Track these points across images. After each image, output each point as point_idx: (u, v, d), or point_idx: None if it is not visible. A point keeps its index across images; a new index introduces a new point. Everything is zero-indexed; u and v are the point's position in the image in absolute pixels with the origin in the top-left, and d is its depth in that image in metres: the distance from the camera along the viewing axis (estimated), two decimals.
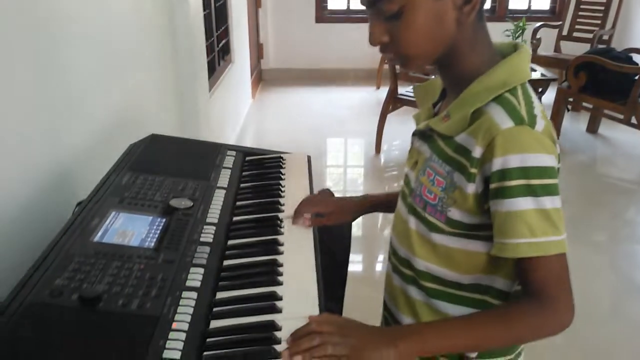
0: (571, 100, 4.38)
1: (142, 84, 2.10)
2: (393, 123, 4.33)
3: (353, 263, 2.80)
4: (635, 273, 2.81)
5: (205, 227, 1.09)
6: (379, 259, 2.99)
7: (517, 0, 6.06)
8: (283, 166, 1.43)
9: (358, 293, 1.61)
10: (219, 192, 1.25)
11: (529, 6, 6.10)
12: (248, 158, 1.48)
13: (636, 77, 3.83)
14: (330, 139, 4.76)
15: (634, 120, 3.92)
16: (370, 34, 0.87)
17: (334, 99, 5.66)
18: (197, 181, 1.26)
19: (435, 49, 0.87)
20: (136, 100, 2.01)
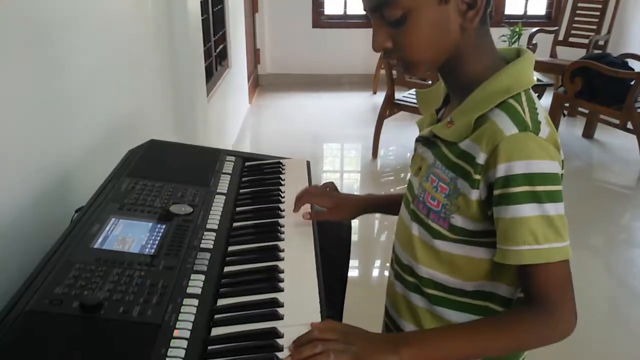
0: (567, 105, 4.40)
1: (141, 89, 2.10)
2: (390, 128, 4.34)
3: (352, 268, 2.79)
4: (632, 277, 2.82)
5: (206, 233, 1.09)
6: (376, 264, 2.99)
7: (513, 6, 6.09)
8: (283, 172, 1.43)
9: (357, 298, 1.61)
10: (218, 198, 1.24)
11: (525, 11, 6.13)
12: (247, 164, 1.48)
13: (632, 83, 3.85)
14: (327, 144, 4.77)
15: (629, 126, 3.94)
16: (373, 39, 0.86)
17: (331, 104, 5.67)
18: (196, 187, 1.26)
19: (438, 55, 0.87)
20: (134, 105, 2.01)
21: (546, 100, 4.34)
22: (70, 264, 0.92)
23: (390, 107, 4.15)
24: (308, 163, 1.51)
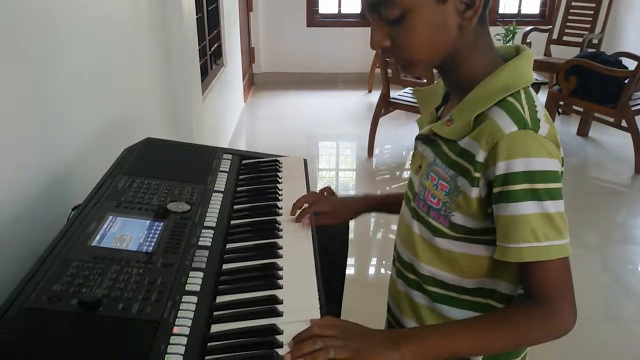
0: (562, 103, 4.41)
1: (136, 88, 2.09)
2: (385, 127, 4.35)
3: (349, 267, 2.79)
4: (627, 274, 2.83)
5: (204, 230, 1.09)
6: (373, 262, 2.99)
7: (507, 4, 6.11)
8: (280, 169, 1.43)
9: (355, 296, 1.60)
10: (216, 196, 1.24)
11: (519, 10, 6.15)
12: (244, 161, 1.47)
13: (626, 81, 3.87)
14: (322, 142, 4.77)
15: (624, 124, 3.96)
16: (371, 38, 0.86)
17: (326, 102, 5.67)
18: (193, 185, 1.25)
19: (437, 54, 0.87)
20: (130, 104, 2.00)
21: (541, 98, 4.23)
22: (68, 261, 0.92)
23: (385, 106, 4.16)
24: (305, 161, 1.51)
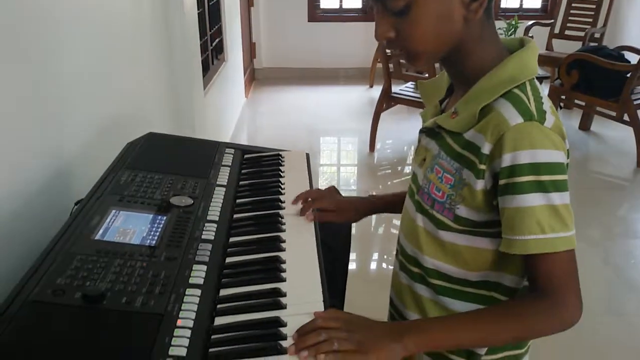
0: (563, 98, 4.40)
1: (138, 83, 2.09)
2: (387, 122, 4.34)
3: (352, 262, 2.79)
4: (629, 268, 2.83)
5: (207, 224, 1.09)
6: (374, 257, 3.00)
7: None
8: (282, 164, 1.43)
9: (357, 291, 1.61)
10: (218, 190, 1.24)
11: (521, 4, 6.13)
12: (247, 156, 1.47)
13: (628, 75, 3.86)
14: (323, 137, 4.76)
15: (626, 118, 3.95)
16: (376, 29, 0.86)
17: (327, 97, 5.66)
18: (196, 179, 1.25)
19: (441, 46, 0.86)
20: (131, 100, 2.00)
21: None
22: (72, 255, 0.92)
23: (387, 101, 4.15)
24: (307, 155, 1.51)
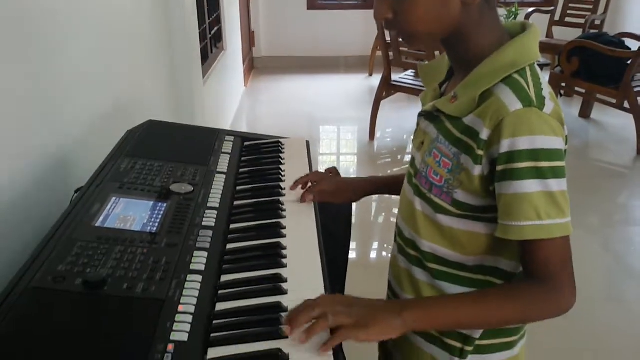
0: (564, 85, 4.39)
1: (137, 72, 2.08)
2: (387, 110, 4.33)
3: (352, 250, 2.80)
4: (628, 256, 2.84)
5: (207, 211, 1.09)
6: (374, 246, 3.00)
7: None
8: (282, 151, 1.42)
9: (359, 279, 1.61)
10: (219, 177, 1.24)
11: None
12: (247, 143, 1.47)
13: (629, 62, 3.84)
14: (323, 126, 4.75)
15: (626, 105, 3.94)
16: (375, 8, 0.87)
17: (327, 86, 5.64)
18: (196, 166, 1.25)
19: (439, 29, 0.86)
20: (131, 87, 1.99)
21: None
22: (72, 242, 0.92)
23: (386, 89, 4.14)
24: (307, 142, 1.50)
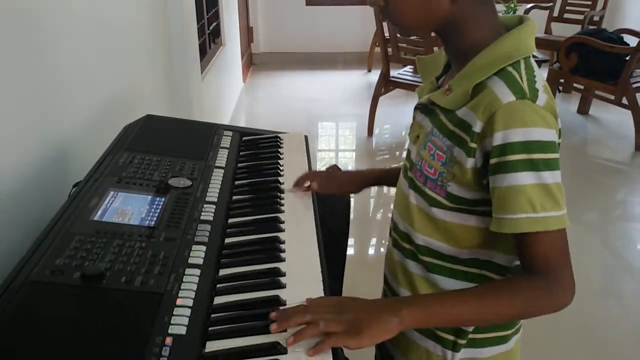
0: (562, 81, 4.39)
1: (136, 67, 2.08)
2: (385, 106, 4.33)
3: (350, 247, 2.80)
4: (626, 251, 2.84)
5: (205, 205, 1.09)
6: (372, 242, 3.00)
7: None
8: (281, 146, 1.42)
9: (356, 277, 1.61)
10: (217, 172, 1.24)
11: None
12: (245, 138, 1.47)
13: (627, 58, 3.84)
14: (321, 122, 4.75)
15: (624, 101, 3.94)
16: None
17: (325, 82, 5.63)
18: (194, 161, 1.25)
19: (427, 21, 0.87)
20: (130, 83, 1.99)
21: None
22: (71, 235, 0.92)
23: (385, 85, 4.13)
24: (306, 137, 1.50)
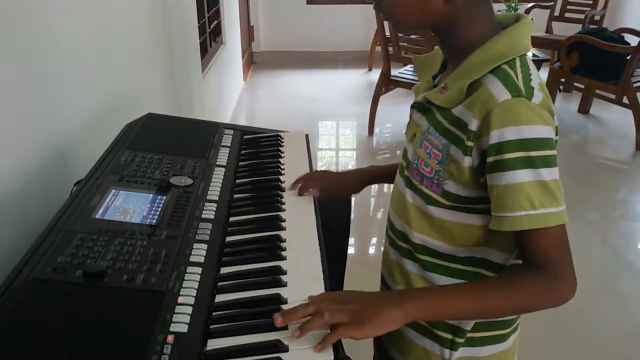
0: (563, 80, 4.39)
1: (137, 66, 2.08)
2: (386, 105, 4.33)
3: (350, 246, 2.80)
4: (627, 250, 2.85)
5: (207, 204, 1.09)
6: (372, 241, 3.00)
7: None
8: (282, 144, 1.42)
9: (356, 275, 1.61)
10: (218, 170, 1.24)
11: None
12: (246, 137, 1.47)
13: (628, 57, 3.84)
14: (322, 121, 4.75)
15: (625, 100, 3.94)
16: None
17: (326, 81, 5.63)
18: (195, 159, 1.25)
19: (420, 19, 0.89)
20: (130, 81, 1.99)
21: (542, 75, 4.32)
22: (72, 233, 0.92)
23: (385, 84, 4.13)
24: (307, 136, 1.50)
